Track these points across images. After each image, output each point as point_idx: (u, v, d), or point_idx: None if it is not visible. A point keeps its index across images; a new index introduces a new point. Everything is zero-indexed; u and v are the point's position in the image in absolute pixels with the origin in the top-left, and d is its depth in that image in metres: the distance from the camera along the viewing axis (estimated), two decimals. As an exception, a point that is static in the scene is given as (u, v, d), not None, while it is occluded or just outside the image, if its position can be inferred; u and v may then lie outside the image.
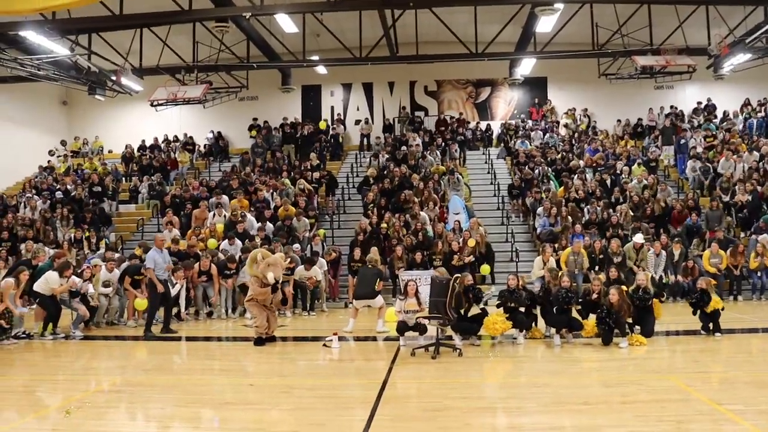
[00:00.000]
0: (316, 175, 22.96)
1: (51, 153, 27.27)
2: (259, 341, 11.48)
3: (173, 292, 14.27)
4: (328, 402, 7.70)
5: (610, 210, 19.09)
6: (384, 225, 19.03)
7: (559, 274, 11.98)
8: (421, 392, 8.25)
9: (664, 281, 16.55)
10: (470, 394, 8.17)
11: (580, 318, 11.42)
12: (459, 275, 11.13)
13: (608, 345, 10.73)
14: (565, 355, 10.46)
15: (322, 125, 27.45)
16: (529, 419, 6.98)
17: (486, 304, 13.76)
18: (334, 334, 11.36)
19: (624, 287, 11.62)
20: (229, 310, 15.74)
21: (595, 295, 11.07)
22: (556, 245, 17.22)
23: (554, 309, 11.21)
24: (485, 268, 17.10)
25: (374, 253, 15.05)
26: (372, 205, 20.22)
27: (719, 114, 26.69)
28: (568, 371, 9.39)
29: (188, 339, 13.11)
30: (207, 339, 13.35)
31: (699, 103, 27.13)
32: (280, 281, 11.60)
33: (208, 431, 6.94)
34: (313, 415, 7.12)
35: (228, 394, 8.20)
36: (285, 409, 7.42)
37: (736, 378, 8.57)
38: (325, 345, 11.23)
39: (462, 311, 11.04)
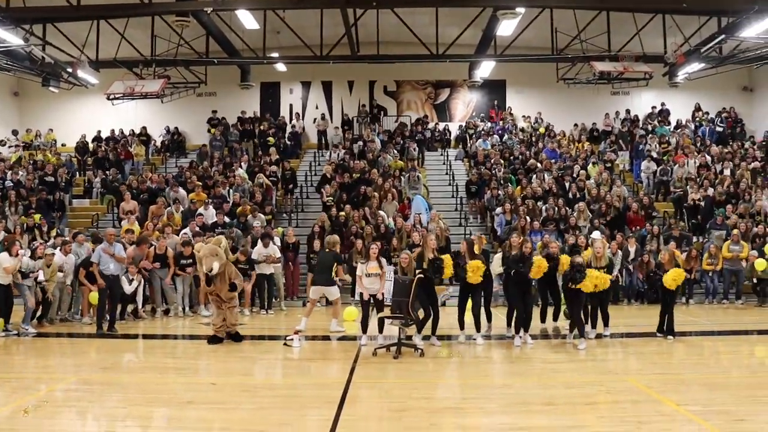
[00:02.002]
0: (274, 168, 22.82)
1: (2, 143, 26.61)
2: (214, 339, 11.37)
3: (130, 289, 14.06)
4: (292, 402, 7.66)
5: (567, 208, 19.37)
6: (342, 214, 19.04)
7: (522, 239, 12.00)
8: (384, 392, 8.23)
9: (620, 283, 16.81)
10: (433, 395, 8.22)
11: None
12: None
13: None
14: (524, 356, 10.58)
15: (271, 140, 26.71)
16: (494, 419, 7.03)
17: (443, 304, 13.88)
18: (295, 333, 11.32)
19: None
20: (186, 308, 15.55)
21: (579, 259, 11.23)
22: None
23: (512, 272, 11.30)
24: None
25: (333, 236, 14.48)
26: (331, 198, 20.17)
27: (672, 120, 27.25)
28: (529, 372, 9.49)
29: (145, 337, 12.93)
30: (164, 337, 13.18)
31: (653, 107, 27.65)
32: (214, 271, 11.14)
33: (174, 430, 6.82)
34: (278, 415, 7.07)
35: (189, 393, 8.08)
36: (249, 408, 7.34)
37: (692, 380, 8.76)
38: (285, 344, 11.16)
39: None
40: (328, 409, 7.15)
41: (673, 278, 11.52)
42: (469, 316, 11.51)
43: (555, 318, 12.85)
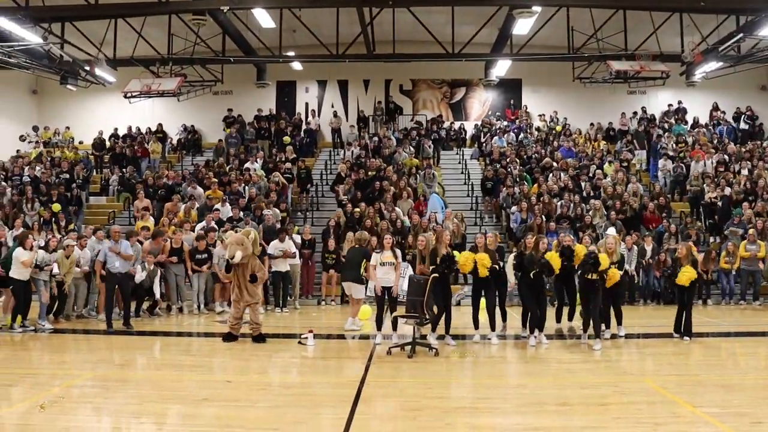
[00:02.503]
0: (288, 165, 22.90)
1: (22, 138, 26.85)
2: (228, 336, 11.36)
3: (141, 276, 13.98)
4: (307, 400, 7.66)
5: (583, 205, 19.35)
6: (357, 210, 19.13)
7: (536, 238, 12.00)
8: (399, 391, 8.21)
9: (635, 281, 16.74)
10: (448, 394, 8.21)
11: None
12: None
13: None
14: (539, 356, 10.53)
15: (287, 140, 26.69)
16: (509, 420, 7.01)
17: (458, 304, 13.85)
18: (310, 331, 11.31)
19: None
20: (202, 305, 15.56)
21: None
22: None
23: (530, 273, 11.21)
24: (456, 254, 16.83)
25: (362, 233, 14.29)
26: (346, 197, 20.20)
27: (689, 119, 27.03)
28: (544, 372, 9.44)
29: (160, 334, 12.95)
30: (179, 334, 13.21)
31: (669, 105, 27.43)
32: (236, 260, 11.17)
33: (190, 428, 6.84)
34: (292, 413, 7.08)
35: (205, 390, 8.11)
36: (264, 406, 7.36)
37: (709, 381, 8.69)
38: (300, 342, 11.17)
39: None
40: (343, 407, 7.15)
41: (686, 276, 11.45)
42: (483, 316, 11.49)
43: (570, 318, 12.81)
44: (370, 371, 9.14)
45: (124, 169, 23.88)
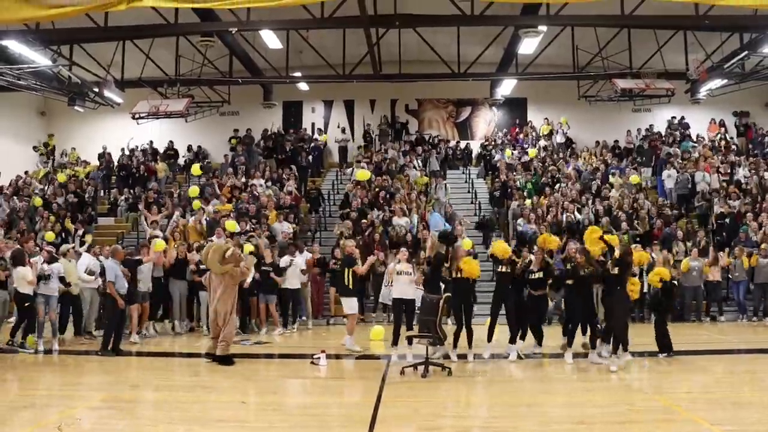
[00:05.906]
0: (292, 182, 23.04)
1: (35, 149, 27.35)
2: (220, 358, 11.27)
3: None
4: (324, 421, 7.68)
5: (591, 217, 19.42)
6: (364, 221, 19.33)
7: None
8: (414, 411, 8.19)
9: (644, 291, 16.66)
10: (464, 413, 8.23)
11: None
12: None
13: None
14: (551, 375, 10.55)
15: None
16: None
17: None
18: (322, 351, 11.32)
19: None
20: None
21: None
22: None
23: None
24: (467, 243, 16.80)
25: (346, 241, 14.46)
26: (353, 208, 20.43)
27: (693, 135, 27.03)
28: (557, 391, 9.44)
29: (172, 355, 12.97)
30: (189, 355, 13.20)
31: (673, 117, 27.44)
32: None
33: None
34: (311, 434, 7.11)
35: (218, 412, 8.12)
36: (280, 427, 7.37)
37: (722, 398, 8.69)
38: (312, 362, 11.17)
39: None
40: (359, 428, 7.16)
41: (633, 290, 11.40)
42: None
43: (584, 332, 12.70)
44: (385, 392, 9.13)
45: (132, 190, 23.92)
